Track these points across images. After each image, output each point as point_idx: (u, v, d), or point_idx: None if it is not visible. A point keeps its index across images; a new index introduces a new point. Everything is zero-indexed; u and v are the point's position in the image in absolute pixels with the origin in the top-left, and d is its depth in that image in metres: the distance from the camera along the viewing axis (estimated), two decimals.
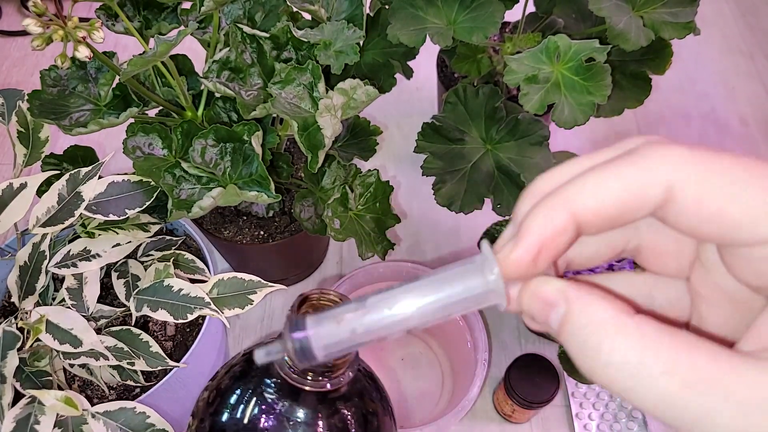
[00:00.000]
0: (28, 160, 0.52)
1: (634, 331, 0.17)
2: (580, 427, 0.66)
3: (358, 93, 0.48)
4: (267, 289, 0.50)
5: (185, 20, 0.52)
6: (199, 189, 0.48)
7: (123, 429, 0.45)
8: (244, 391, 0.31)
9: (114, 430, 0.45)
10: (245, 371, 0.32)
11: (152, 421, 0.46)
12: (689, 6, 0.54)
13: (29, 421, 0.43)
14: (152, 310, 0.47)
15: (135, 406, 0.46)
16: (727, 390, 0.15)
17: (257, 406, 0.30)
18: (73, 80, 0.51)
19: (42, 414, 0.43)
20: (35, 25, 0.37)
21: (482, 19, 0.54)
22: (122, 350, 0.48)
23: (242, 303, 0.49)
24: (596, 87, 0.49)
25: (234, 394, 0.32)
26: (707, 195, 0.17)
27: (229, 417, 0.31)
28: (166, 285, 0.48)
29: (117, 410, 0.46)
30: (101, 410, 0.46)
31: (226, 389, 0.32)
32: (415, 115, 0.92)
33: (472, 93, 0.57)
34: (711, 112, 0.94)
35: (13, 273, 0.49)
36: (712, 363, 0.16)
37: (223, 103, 0.53)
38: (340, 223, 0.55)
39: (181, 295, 0.48)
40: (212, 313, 0.47)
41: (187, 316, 0.47)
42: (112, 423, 0.45)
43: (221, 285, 0.50)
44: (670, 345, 0.16)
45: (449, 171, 0.57)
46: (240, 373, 0.33)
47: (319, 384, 0.28)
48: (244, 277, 0.50)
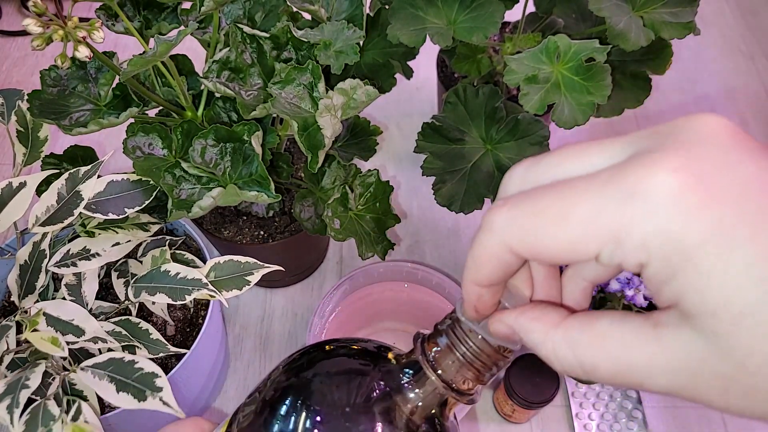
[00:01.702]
0: (27, 159, 0.52)
1: (561, 338, 0.22)
2: (580, 427, 0.66)
3: (358, 93, 0.48)
4: (263, 270, 0.50)
5: (185, 20, 0.52)
6: (199, 189, 0.48)
7: (112, 376, 0.45)
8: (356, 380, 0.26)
9: (103, 378, 0.45)
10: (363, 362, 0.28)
11: (141, 365, 0.46)
12: (689, 6, 0.54)
13: (20, 382, 0.43)
14: (150, 294, 0.47)
15: (123, 356, 0.46)
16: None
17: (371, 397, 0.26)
18: (73, 80, 0.51)
19: (32, 373, 0.43)
20: (35, 25, 0.37)
21: (482, 19, 0.55)
22: (121, 334, 0.48)
23: (239, 284, 0.49)
24: (596, 87, 0.49)
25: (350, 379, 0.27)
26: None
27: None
28: (164, 270, 0.48)
29: (106, 361, 0.46)
30: (90, 363, 0.46)
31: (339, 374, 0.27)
32: (415, 115, 0.92)
33: (472, 93, 0.57)
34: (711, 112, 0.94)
35: (13, 272, 0.49)
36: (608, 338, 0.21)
37: (223, 103, 0.53)
38: (340, 223, 0.55)
39: (179, 279, 0.48)
40: (210, 294, 0.47)
41: (185, 297, 0.47)
42: (100, 372, 0.45)
43: (218, 268, 0.50)
44: (587, 337, 0.21)
45: (449, 171, 0.57)
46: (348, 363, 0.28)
47: (463, 393, 0.25)
48: (240, 259, 0.50)
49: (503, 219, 0.21)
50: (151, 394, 0.45)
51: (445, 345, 0.25)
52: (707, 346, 0.18)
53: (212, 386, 0.65)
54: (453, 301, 0.63)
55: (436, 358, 0.25)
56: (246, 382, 0.70)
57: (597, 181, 0.20)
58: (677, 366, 0.19)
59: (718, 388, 0.19)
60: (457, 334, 0.25)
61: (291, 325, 0.74)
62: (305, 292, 0.76)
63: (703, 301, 0.18)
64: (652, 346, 0.20)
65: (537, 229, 0.20)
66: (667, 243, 0.18)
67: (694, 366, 0.19)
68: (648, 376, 0.20)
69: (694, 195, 0.18)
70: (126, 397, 0.45)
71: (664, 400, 0.68)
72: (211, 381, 0.64)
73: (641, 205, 0.18)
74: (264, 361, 0.71)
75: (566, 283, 0.26)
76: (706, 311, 0.18)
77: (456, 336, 0.25)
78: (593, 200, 0.19)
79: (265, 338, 0.73)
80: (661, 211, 0.18)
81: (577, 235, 0.20)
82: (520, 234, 0.21)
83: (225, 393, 0.69)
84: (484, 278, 0.23)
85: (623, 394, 0.68)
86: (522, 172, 0.23)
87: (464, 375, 0.25)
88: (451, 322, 0.26)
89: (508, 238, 0.21)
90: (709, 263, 0.18)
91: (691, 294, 0.18)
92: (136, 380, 0.45)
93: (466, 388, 0.25)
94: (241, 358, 0.71)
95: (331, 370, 0.27)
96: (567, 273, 0.26)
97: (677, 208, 0.18)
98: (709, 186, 0.18)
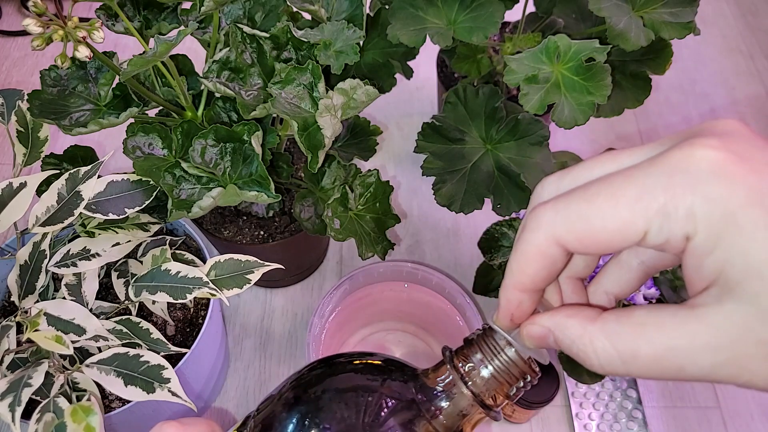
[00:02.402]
0: (27, 159, 0.52)
1: (599, 330, 0.22)
2: (580, 427, 0.66)
3: (358, 93, 0.48)
4: (263, 268, 0.50)
5: (185, 20, 0.52)
6: (199, 189, 0.48)
7: (119, 371, 0.45)
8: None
9: (110, 374, 0.45)
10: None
11: (146, 359, 0.46)
12: (689, 6, 0.54)
13: (22, 380, 0.43)
14: (151, 293, 0.47)
15: (127, 351, 0.46)
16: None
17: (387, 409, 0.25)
18: (73, 80, 0.51)
19: (35, 372, 0.43)
20: (35, 25, 0.37)
21: (482, 19, 0.55)
22: (122, 332, 0.48)
23: (240, 283, 0.49)
24: (596, 87, 0.49)
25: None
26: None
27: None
28: (164, 269, 0.48)
29: (110, 357, 0.46)
30: (95, 360, 0.46)
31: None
32: (415, 115, 0.92)
33: (472, 93, 0.57)
34: (711, 112, 0.94)
35: (14, 272, 0.49)
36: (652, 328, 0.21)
37: (223, 103, 0.53)
38: (340, 223, 0.55)
39: (180, 277, 0.48)
40: (211, 292, 0.47)
41: (186, 296, 0.47)
42: (106, 367, 0.45)
43: (218, 267, 0.50)
44: (626, 327, 0.22)
45: (449, 171, 0.57)
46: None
47: (492, 408, 0.25)
48: (241, 257, 0.50)
49: (550, 213, 0.22)
50: (159, 386, 0.45)
51: (477, 358, 0.25)
52: (750, 311, 0.19)
53: (212, 386, 0.65)
54: (453, 300, 0.63)
55: (467, 372, 0.25)
56: (246, 382, 0.70)
57: (641, 166, 0.21)
58: (719, 341, 0.20)
59: (762, 356, 0.19)
60: (490, 345, 0.25)
61: (291, 325, 0.74)
62: (305, 292, 0.76)
63: (747, 262, 0.19)
64: (693, 325, 0.20)
65: (587, 213, 0.21)
66: (714, 209, 0.19)
67: (736, 335, 0.20)
68: (689, 357, 0.20)
69: (734, 166, 0.20)
70: (135, 390, 0.45)
71: (664, 400, 0.68)
72: (211, 381, 0.64)
73: (687, 177, 0.20)
74: (264, 361, 0.71)
75: (591, 296, 0.27)
76: (750, 271, 0.19)
77: (488, 348, 0.25)
78: (641, 180, 0.21)
79: (265, 338, 0.73)
80: (706, 179, 0.19)
81: (627, 215, 0.21)
82: (570, 222, 0.22)
83: (225, 393, 0.69)
84: (528, 280, 0.24)
85: (623, 394, 0.68)
86: (556, 180, 0.24)
87: (494, 389, 0.25)
88: (482, 333, 0.26)
89: (557, 229, 0.22)
90: (753, 224, 0.19)
91: (736, 257, 0.19)
92: (143, 373, 0.45)
93: (492, 402, 0.25)
94: (241, 358, 0.71)
95: (351, 385, 0.26)
96: (592, 286, 0.27)
97: (720, 177, 0.19)
98: (746, 159, 0.20)
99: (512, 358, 0.25)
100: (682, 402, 0.68)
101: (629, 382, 0.69)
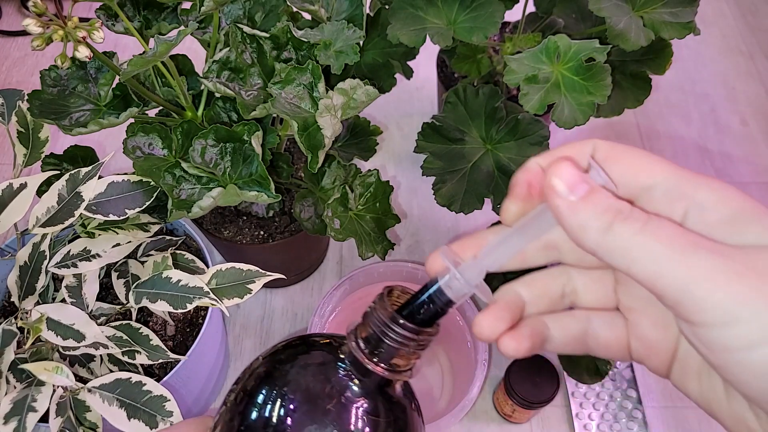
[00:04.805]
0: (27, 160, 0.52)
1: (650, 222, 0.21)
2: (580, 427, 0.66)
3: (358, 93, 0.48)
4: (265, 278, 0.50)
5: (185, 20, 0.52)
6: (199, 189, 0.48)
7: (121, 399, 0.45)
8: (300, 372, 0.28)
9: (111, 402, 0.45)
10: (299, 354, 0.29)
11: (149, 388, 0.46)
12: (689, 6, 0.54)
13: (26, 401, 0.43)
14: (151, 302, 0.47)
15: (130, 377, 0.46)
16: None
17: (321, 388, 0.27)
18: (73, 80, 0.51)
19: (38, 393, 0.43)
20: (35, 25, 0.37)
21: (482, 19, 0.55)
22: (122, 339, 0.48)
23: (241, 292, 0.49)
24: (596, 87, 0.49)
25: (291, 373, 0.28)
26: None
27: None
28: (165, 277, 0.48)
29: (112, 382, 0.46)
30: (97, 384, 0.46)
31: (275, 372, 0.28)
32: (415, 115, 0.92)
33: (472, 93, 0.57)
34: (711, 112, 0.94)
35: (13, 273, 0.49)
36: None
37: (223, 103, 0.53)
38: (340, 223, 0.55)
39: (180, 286, 0.48)
40: (212, 302, 0.47)
41: (186, 305, 0.47)
42: (108, 395, 0.45)
43: (220, 275, 0.50)
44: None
45: (449, 171, 0.57)
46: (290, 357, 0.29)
47: (395, 371, 0.27)
48: (242, 267, 0.50)
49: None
50: (162, 420, 0.45)
51: (371, 332, 0.26)
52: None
53: (212, 386, 0.65)
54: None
55: (365, 348, 0.27)
56: None
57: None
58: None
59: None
60: (377, 318, 0.26)
61: (291, 325, 0.74)
62: (305, 292, 0.76)
63: None
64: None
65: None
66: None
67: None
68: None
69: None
70: (138, 425, 0.45)
71: (664, 400, 0.68)
72: (211, 381, 0.64)
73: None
74: None
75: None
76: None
77: (377, 321, 0.26)
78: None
79: (265, 338, 0.73)
80: None
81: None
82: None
83: (225, 393, 0.69)
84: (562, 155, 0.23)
85: (623, 394, 0.68)
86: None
87: (395, 356, 0.27)
88: (373, 305, 0.27)
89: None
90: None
91: None
92: (145, 404, 0.45)
93: (402, 365, 0.27)
94: (241, 358, 0.71)
95: (293, 362, 0.28)
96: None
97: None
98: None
99: (398, 330, 0.26)
100: (682, 402, 0.68)
101: (629, 382, 0.69)
